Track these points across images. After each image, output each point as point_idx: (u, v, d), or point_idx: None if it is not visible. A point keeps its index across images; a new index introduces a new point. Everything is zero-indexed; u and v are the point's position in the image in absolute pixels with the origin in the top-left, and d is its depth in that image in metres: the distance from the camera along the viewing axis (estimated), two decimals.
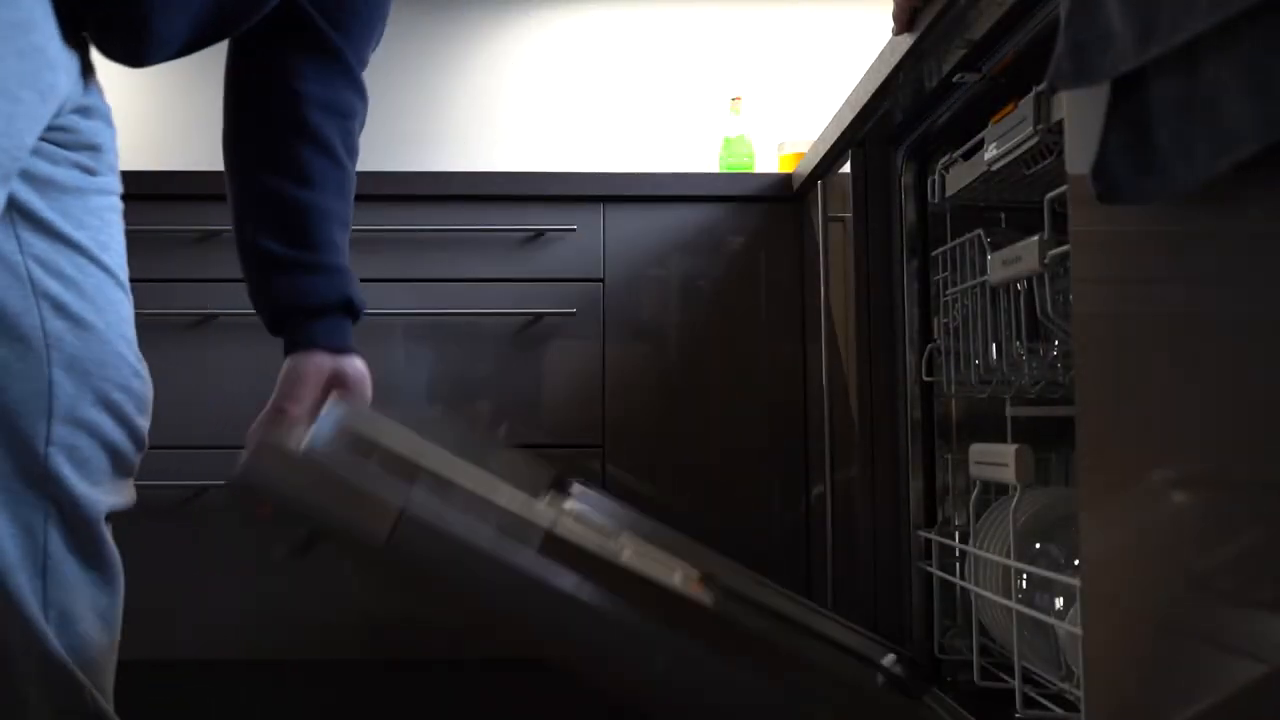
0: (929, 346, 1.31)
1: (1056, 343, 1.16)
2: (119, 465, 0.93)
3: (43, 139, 0.86)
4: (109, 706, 0.91)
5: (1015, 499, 1.05)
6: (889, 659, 0.83)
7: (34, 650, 0.86)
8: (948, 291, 1.25)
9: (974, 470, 1.14)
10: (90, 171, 0.90)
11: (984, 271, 1.13)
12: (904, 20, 1.06)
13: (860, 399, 1.39)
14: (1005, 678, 1.09)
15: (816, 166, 1.59)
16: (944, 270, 1.27)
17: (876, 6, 2.44)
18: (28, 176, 0.86)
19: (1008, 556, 1.05)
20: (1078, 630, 0.84)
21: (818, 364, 1.62)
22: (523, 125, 2.44)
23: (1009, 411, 1.14)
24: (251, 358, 1.74)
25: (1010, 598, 1.03)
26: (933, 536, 1.27)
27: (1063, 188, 0.88)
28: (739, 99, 2.27)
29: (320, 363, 1.00)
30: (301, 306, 1.02)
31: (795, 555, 1.75)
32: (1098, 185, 0.52)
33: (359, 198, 1.89)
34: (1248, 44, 0.41)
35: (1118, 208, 0.55)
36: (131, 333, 0.94)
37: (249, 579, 1.71)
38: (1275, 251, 0.44)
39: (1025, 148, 1.00)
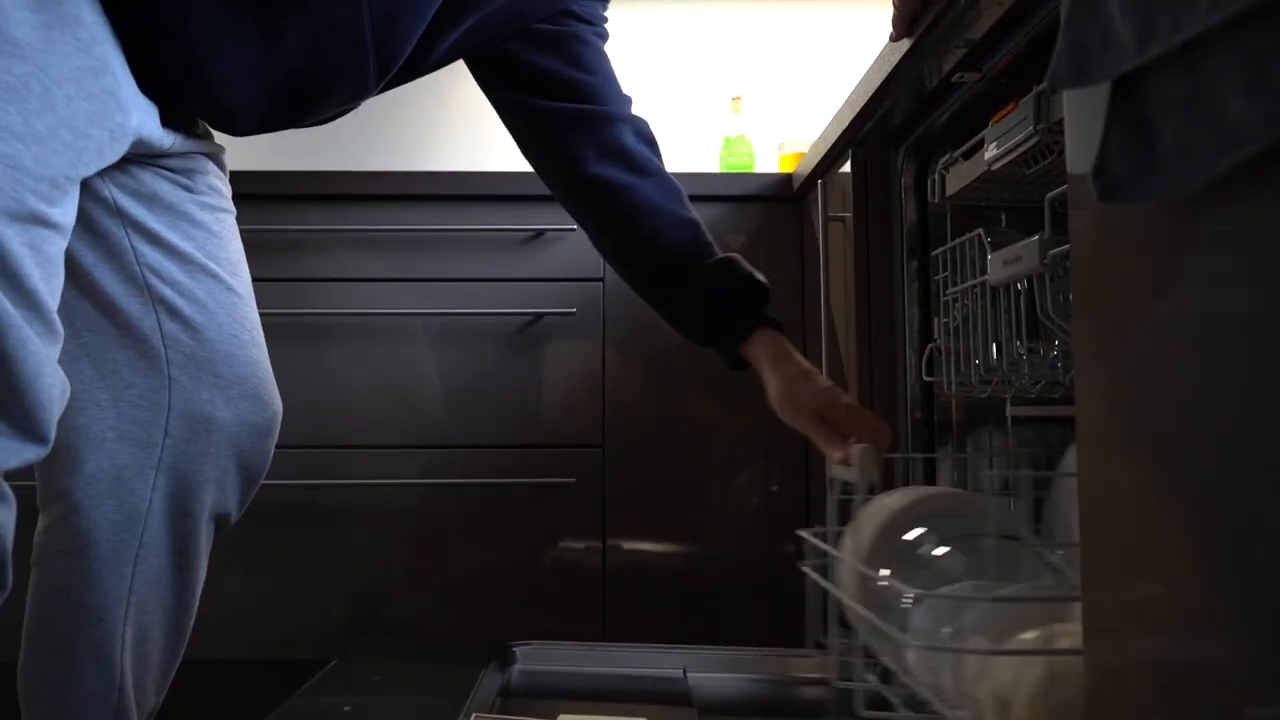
0: (929, 346, 1.31)
1: (1056, 343, 1.16)
2: (235, 461, 1.01)
3: (147, 163, 0.96)
4: (134, 708, 0.96)
5: (858, 501, 0.99)
6: None
7: (90, 637, 0.93)
8: (948, 291, 1.25)
9: (831, 471, 1.06)
10: (189, 189, 0.99)
11: (984, 271, 1.13)
12: (903, 26, 1.06)
13: (860, 399, 1.39)
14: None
15: (816, 166, 1.59)
16: (944, 270, 1.26)
17: (876, 7, 2.44)
18: (137, 194, 0.96)
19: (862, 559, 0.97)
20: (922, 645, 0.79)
21: (818, 364, 1.62)
22: None
23: (1009, 411, 1.14)
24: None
25: (861, 602, 0.93)
26: (807, 535, 1.14)
27: (1063, 188, 0.88)
28: (739, 99, 2.27)
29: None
30: (708, 319, 1.13)
31: (796, 555, 1.75)
32: (1098, 185, 0.52)
33: (358, 197, 1.89)
34: (1248, 44, 0.41)
35: (1118, 208, 0.55)
36: (247, 334, 1.01)
37: (249, 579, 1.71)
38: (1275, 251, 0.44)
39: (1025, 148, 1.00)
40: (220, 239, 1.01)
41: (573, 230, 1.79)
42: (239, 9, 0.88)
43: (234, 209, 1.06)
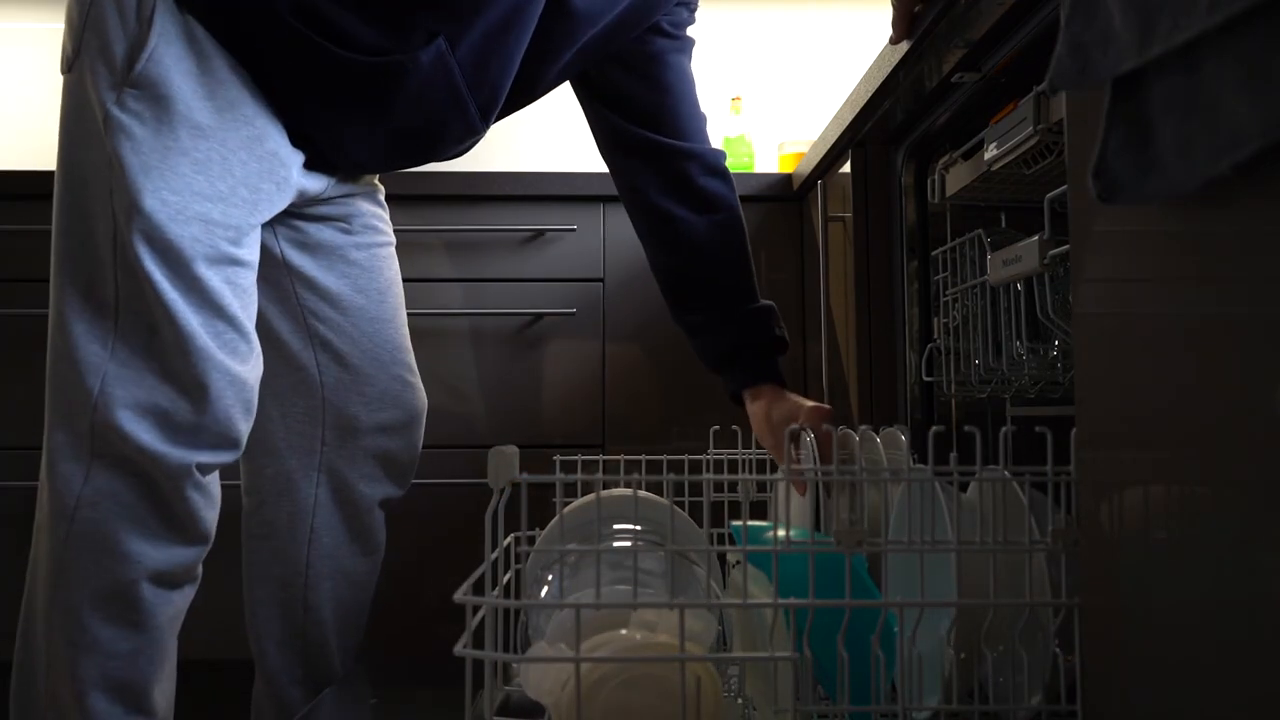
0: (929, 346, 1.31)
1: (1056, 343, 1.16)
2: (384, 463, 1.25)
3: (311, 217, 1.19)
4: (330, 636, 1.24)
5: (496, 501, 0.93)
6: None
7: (279, 598, 1.24)
8: (948, 291, 1.25)
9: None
10: (347, 232, 1.22)
11: (984, 271, 1.13)
12: (903, 27, 1.06)
13: (860, 399, 1.39)
14: None
15: (816, 166, 1.59)
16: (944, 270, 1.26)
17: (876, 7, 2.44)
18: (303, 245, 1.20)
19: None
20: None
21: (818, 364, 1.62)
22: (523, 125, 2.44)
23: (1009, 411, 1.14)
24: None
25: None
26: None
27: (1063, 188, 0.88)
28: (739, 99, 2.27)
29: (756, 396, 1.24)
30: (718, 360, 1.27)
31: None
32: (1098, 185, 0.52)
33: None
34: (1248, 44, 0.41)
35: (1118, 208, 0.55)
36: (388, 354, 1.24)
37: None
38: (1275, 251, 0.44)
39: (1025, 148, 1.00)
40: (372, 272, 1.24)
41: (573, 230, 1.79)
42: (348, 93, 1.08)
43: (392, 239, 1.28)
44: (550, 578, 0.93)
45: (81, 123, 1.02)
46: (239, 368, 1.04)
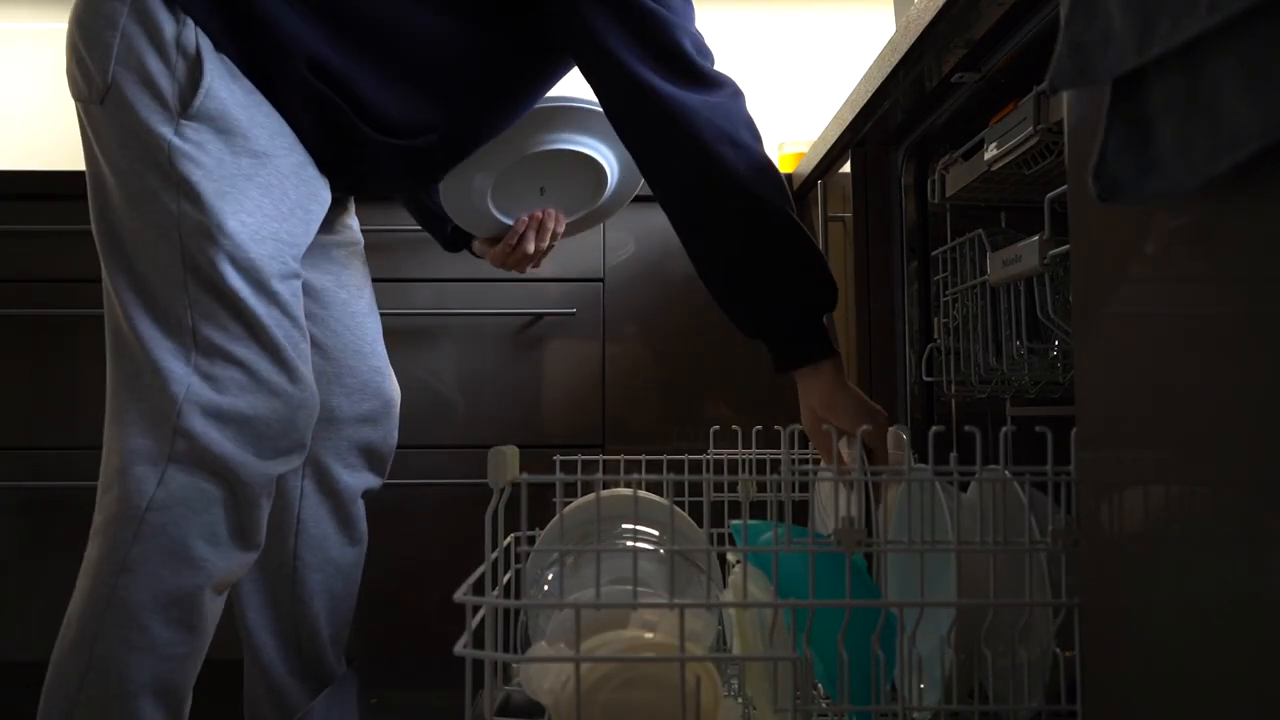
0: (929, 346, 1.31)
1: (1056, 343, 1.16)
2: (365, 453, 1.31)
3: None
4: (323, 627, 1.28)
5: (496, 501, 0.91)
6: None
7: (269, 589, 1.27)
8: (948, 291, 1.25)
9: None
10: (330, 231, 1.29)
11: (984, 271, 1.13)
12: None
13: None
14: None
15: (816, 166, 1.59)
16: (944, 270, 1.26)
17: (876, 7, 2.44)
18: None
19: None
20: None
21: None
22: None
23: (1009, 411, 1.14)
24: None
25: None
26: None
27: (1063, 188, 0.88)
28: None
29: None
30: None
31: None
32: (1097, 185, 0.52)
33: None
34: (1248, 44, 0.41)
35: (1118, 208, 0.55)
36: (369, 346, 1.31)
37: None
38: (1275, 251, 0.44)
39: (1025, 148, 1.00)
40: (350, 269, 1.32)
41: None
42: (405, 165, 1.20)
43: (361, 238, 1.37)
44: (550, 578, 0.93)
45: (128, 150, 1.05)
46: (310, 375, 1.11)
